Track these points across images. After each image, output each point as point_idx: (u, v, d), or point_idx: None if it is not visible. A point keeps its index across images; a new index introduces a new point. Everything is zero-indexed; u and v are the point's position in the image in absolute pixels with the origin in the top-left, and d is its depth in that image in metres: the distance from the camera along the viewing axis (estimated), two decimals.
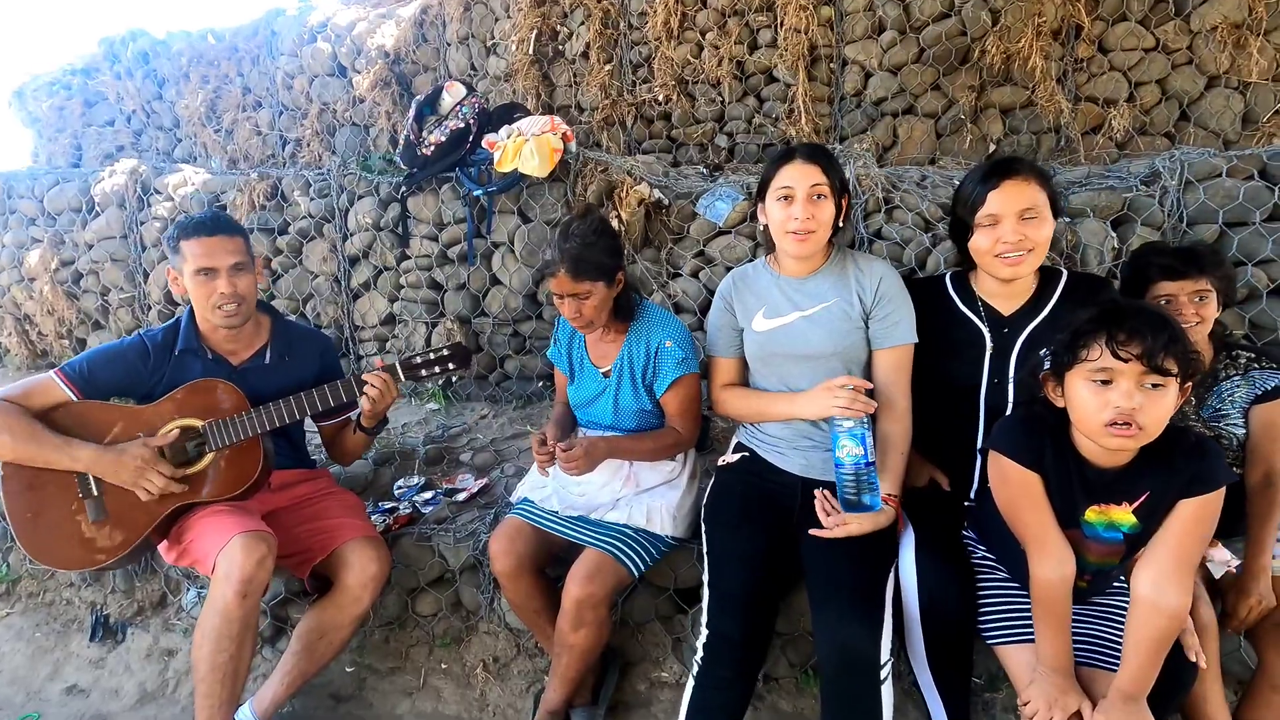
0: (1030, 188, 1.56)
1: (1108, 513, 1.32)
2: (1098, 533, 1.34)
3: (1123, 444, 1.21)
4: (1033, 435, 1.34)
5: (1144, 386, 1.18)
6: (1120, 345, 1.16)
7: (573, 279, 1.71)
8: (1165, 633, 1.24)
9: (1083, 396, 1.23)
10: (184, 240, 1.85)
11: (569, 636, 1.67)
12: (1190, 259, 1.67)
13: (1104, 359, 1.18)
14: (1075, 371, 1.24)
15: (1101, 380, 1.20)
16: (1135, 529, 1.31)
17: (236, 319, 1.90)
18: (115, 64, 5.03)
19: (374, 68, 4.30)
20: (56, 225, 3.73)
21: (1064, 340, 1.26)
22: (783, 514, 1.69)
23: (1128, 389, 1.17)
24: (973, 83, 3.55)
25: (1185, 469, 1.23)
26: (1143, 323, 1.17)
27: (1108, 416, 1.19)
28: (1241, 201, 2.41)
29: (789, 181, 1.63)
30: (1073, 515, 1.33)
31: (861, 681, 1.40)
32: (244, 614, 1.65)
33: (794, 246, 1.67)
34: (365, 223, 3.22)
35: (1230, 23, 3.27)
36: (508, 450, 2.73)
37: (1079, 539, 1.36)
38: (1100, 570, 1.40)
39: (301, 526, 1.93)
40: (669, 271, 2.94)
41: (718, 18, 3.78)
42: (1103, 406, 1.19)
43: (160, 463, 1.77)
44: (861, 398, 1.53)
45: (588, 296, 1.73)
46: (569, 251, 1.70)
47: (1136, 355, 1.15)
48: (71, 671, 2.22)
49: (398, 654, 2.10)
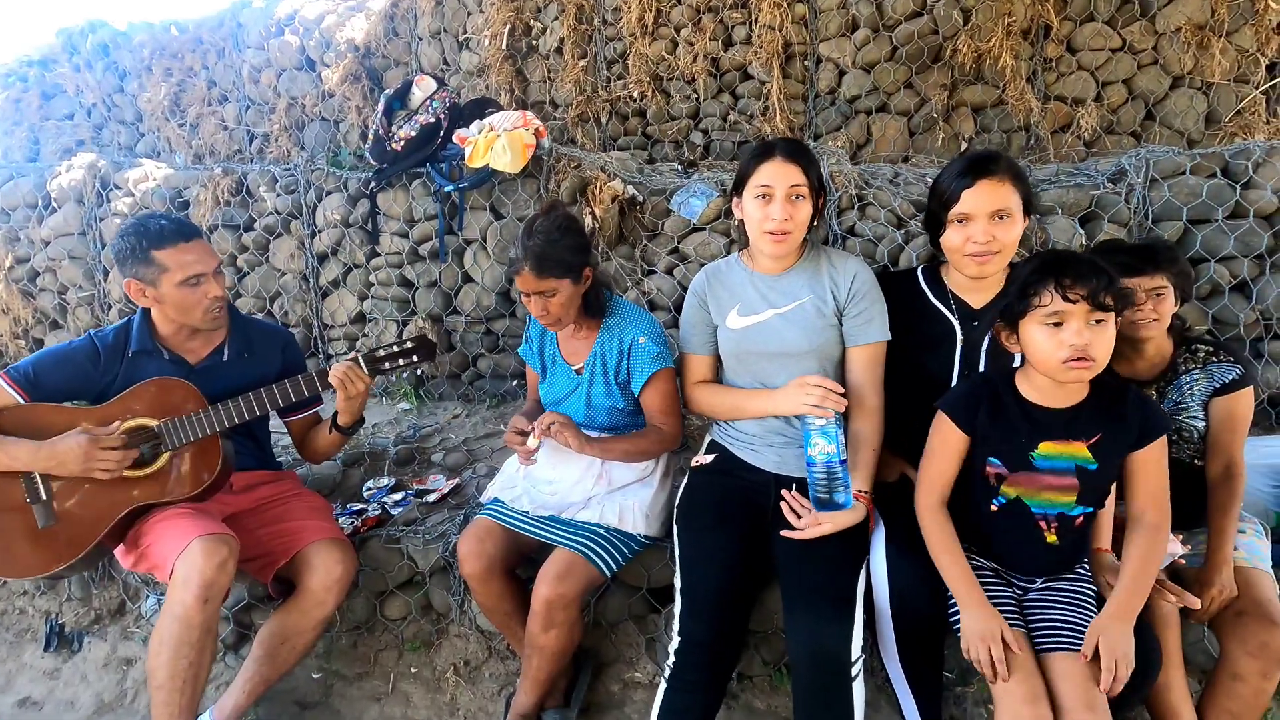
0: (1004, 188, 1.55)
1: (1063, 447, 1.41)
2: (1052, 464, 1.41)
3: (1079, 376, 1.34)
4: (971, 401, 1.47)
5: (1090, 324, 1.31)
6: (1068, 289, 1.29)
7: (537, 277, 1.68)
8: (1150, 547, 1.39)
9: (1038, 339, 1.35)
10: (158, 250, 1.78)
11: (540, 638, 1.64)
12: (1147, 256, 1.69)
13: (1055, 303, 1.31)
14: (1029, 319, 1.35)
15: (1054, 323, 1.32)
16: (1089, 464, 1.39)
17: (222, 319, 1.89)
18: (74, 56, 4.88)
19: (343, 62, 4.22)
20: (10, 221, 3.61)
21: (1014, 292, 1.37)
22: (756, 513, 1.68)
23: (1078, 327, 1.30)
24: (944, 81, 3.58)
25: (1134, 420, 1.39)
26: (1085, 268, 1.30)
27: (1064, 354, 1.31)
28: (1204, 199, 2.45)
29: (768, 180, 1.61)
30: (1023, 457, 1.42)
31: (833, 679, 1.39)
32: (204, 619, 1.59)
33: (770, 246, 1.65)
34: (334, 219, 3.15)
35: (1193, 24, 3.34)
36: (480, 450, 2.69)
37: (1030, 478, 1.43)
38: (1060, 514, 1.42)
39: (265, 529, 1.88)
40: (643, 269, 2.92)
41: (692, 14, 3.77)
42: (1059, 346, 1.32)
43: (101, 438, 1.70)
44: (833, 396, 1.52)
45: (554, 294, 1.70)
46: (533, 249, 1.68)
47: (1083, 296, 1.28)
48: (25, 683, 2.14)
49: (366, 659, 2.06)
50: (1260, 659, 1.47)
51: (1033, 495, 1.44)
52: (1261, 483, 1.98)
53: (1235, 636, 1.51)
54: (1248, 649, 1.49)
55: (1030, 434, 1.42)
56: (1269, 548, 1.67)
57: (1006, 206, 1.54)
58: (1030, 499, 1.44)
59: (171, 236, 1.79)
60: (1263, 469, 1.97)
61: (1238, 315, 2.46)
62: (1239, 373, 1.67)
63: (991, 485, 1.47)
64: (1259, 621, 1.49)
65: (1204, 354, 1.73)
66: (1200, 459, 1.71)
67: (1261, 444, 2.04)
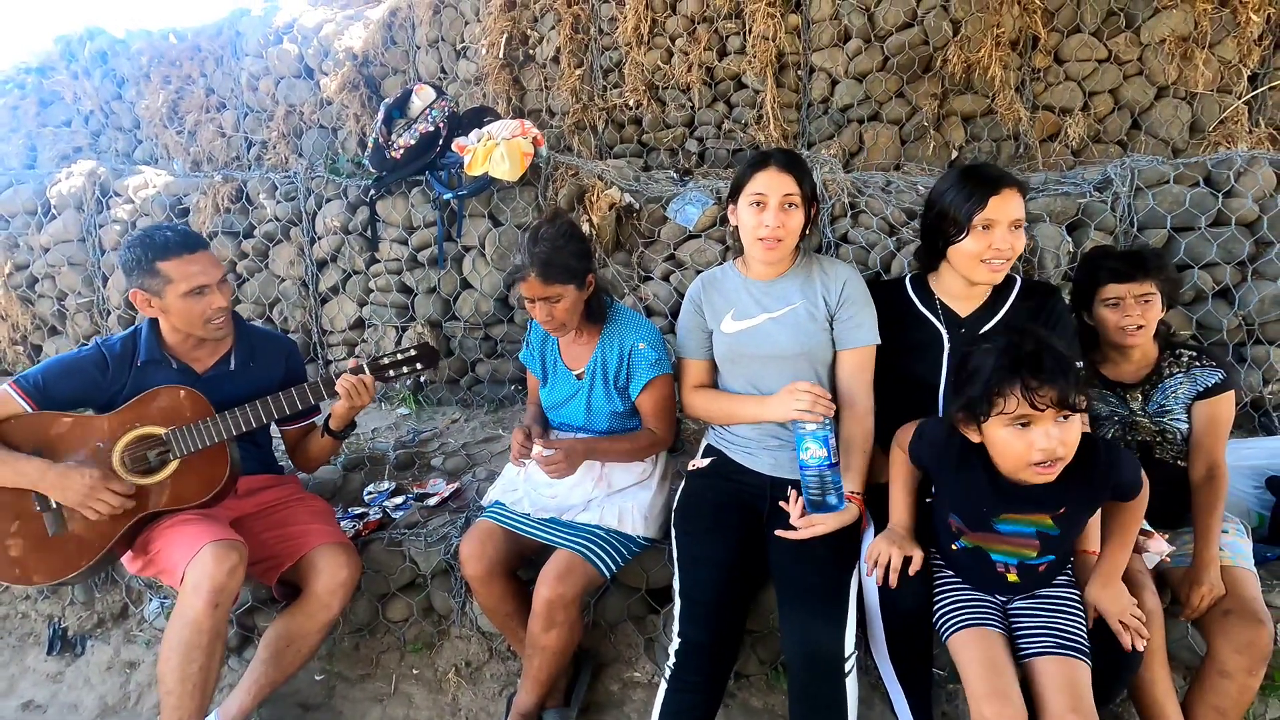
0: (1019, 200, 1.63)
1: (1030, 518, 1.41)
2: (1013, 529, 1.43)
3: (1046, 478, 1.30)
4: (931, 452, 1.50)
5: (1058, 421, 1.27)
6: (1036, 394, 1.24)
7: (543, 282, 1.72)
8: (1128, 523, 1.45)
9: (1005, 440, 1.31)
10: (163, 261, 1.80)
11: (540, 638, 1.67)
12: (1137, 263, 1.75)
13: (1021, 408, 1.26)
14: (994, 421, 1.31)
15: (1021, 424, 1.29)
16: (1050, 529, 1.41)
17: (226, 328, 1.91)
18: (72, 63, 4.89)
19: (342, 70, 4.25)
20: (10, 228, 3.62)
21: (977, 391, 1.31)
22: (752, 516, 1.72)
23: (1046, 429, 1.27)
24: (935, 91, 3.64)
25: (1104, 483, 1.37)
26: (1051, 365, 1.25)
27: (1034, 457, 1.28)
28: (1188, 207, 2.51)
29: (762, 189, 1.66)
30: (984, 521, 1.44)
31: (826, 677, 1.43)
32: (214, 624, 1.62)
33: (762, 253, 1.70)
34: (333, 226, 3.18)
35: (1177, 36, 3.41)
36: (479, 454, 2.72)
37: (988, 537, 1.46)
38: (1021, 564, 1.46)
39: (269, 533, 1.91)
40: (640, 275, 2.96)
41: (687, 24, 3.83)
42: (1026, 447, 1.28)
43: (113, 480, 1.72)
44: (822, 401, 1.56)
45: (558, 300, 1.74)
46: (538, 255, 1.71)
47: (1052, 401, 1.24)
48: (28, 687, 2.15)
49: (368, 661, 2.08)
50: (1246, 656, 1.52)
51: (992, 547, 1.47)
52: (1244, 484, 2.04)
53: (1222, 634, 1.56)
54: (1234, 646, 1.53)
55: (994, 503, 1.41)
56: (1251, 546, 1.72)
57: (1021, 216, 1.62)
58: (990, 549, 1.47)
59: (176, 248, 1.81)
60: (1245, 470, 2.03)
61: (1221, 321, 2.52)
62: (1221, 377, 1.73)
63: (952, 532, 1.51)
64: (1245, 620, 1.54)
65: (1188, 359, 1.78)
66: (1183, 460, 1.76)
67: (1244, 446, 2.09)
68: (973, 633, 1.43)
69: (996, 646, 1.41)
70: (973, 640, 1.42)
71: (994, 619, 1.47)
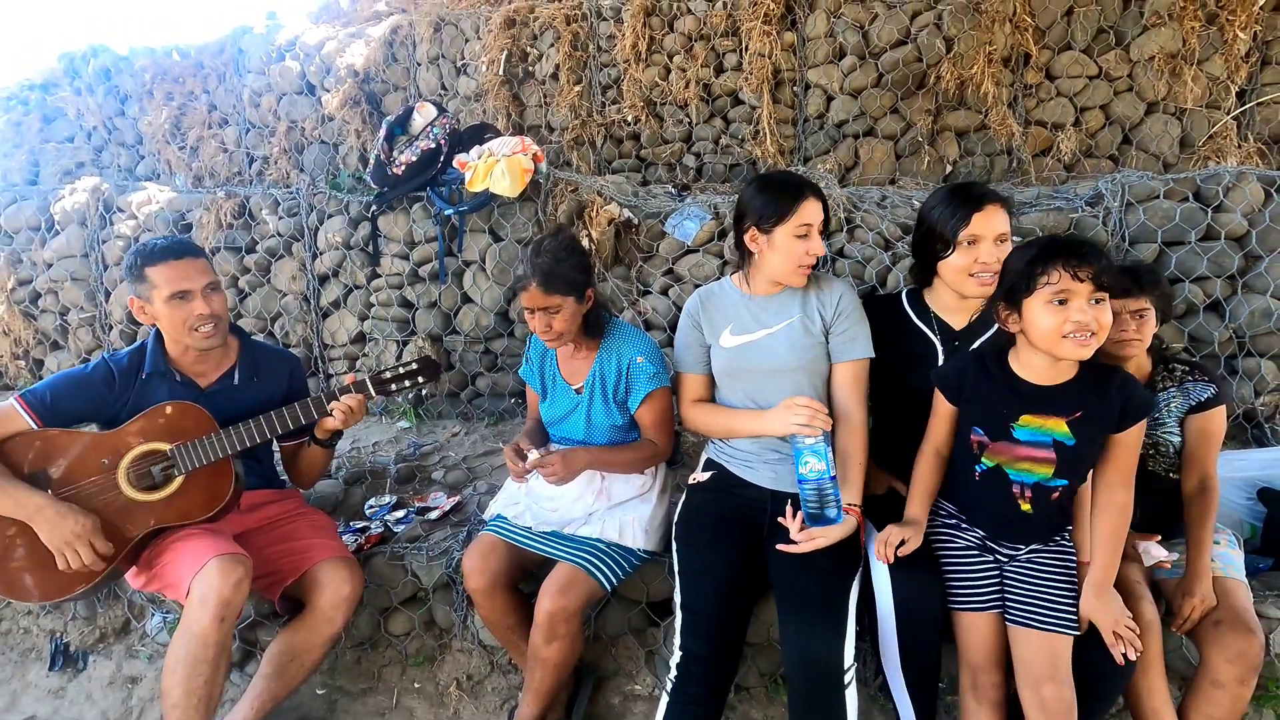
0: (1003, 215, 1.68)
1: (1043, 421, 1.50)
2: (1030, 436, 1.51)
3: (1079, 352, 1.41)
4: (959, 374, 1.61)
5: (1092, 302, 1.39)
6: (1076, 268, 1.37)
7: (544, 293, 1.75)
8: (1118, 523, 1.50)
9: (1042, 316, 1.42)
10: (150, 267, 1.83)
11: (542, 650, 1.69)
12: (1132, 279, 1.77)
13: (1063, 281, 1.38)
14: (1035, 297, 1.43)
15: (1059, 300, 1.40)
16: (1066, 439, 1.48)
17: (215, 339, 1.90)
18: (75, 79, 4.93)
19: (343, 86, 4.30)
20: (14, 244, 3.65)
21: (1020, 271, 1.44)
22: (753, 529, 1.74)
23: (1081, 305, 1.39)
24: (929, 107, 3.70)
25: (1116, 400, 1.46)
26: (1088, 250, 1.40)
27: (1069, 329, 1.39)
28: (1178, 222, 2.56)
29: (809, 219, 1.69)
30: (1003, 428, 1.53)
31: (826, 688, 1.45)
32: (220, 638, 1.63)
33: (799, 279, 1.74)
34: (335, 241, 3.22)
35: (1166, 53, 3.47)
36: (480, 468, 2.74)
37: (1009, 449, 1.53)
38: (1036, 485, 1.53)
39: (272, 548, 1.92)
40: (639, 289, 3.00)
41: (685, 41, 3.89)
42: (1063, 322, 1.39)
43: (96, 537, 1.71)
44: (820, 415, 1.58)
45: (558, 311, 1.77)
46: (540, 266, 1.75)
47: (1090, 276, 1.37)
48: (30, 703, 2.15)
49: (370, 674, 2.09)
50: (1238, 666, 1.53)
51: (1011, 464, 1.54)
52: (1237, 495, 2.06)
53: (1215, 645, 1.58)
54: (1226, 656, 1.55)
55: (1012, 406, 1.51)
56: (1242, 557, 1.74)
57: (1006, 231, 1.67)
58: (1009, 467, 1.54)
59: (162, 254, 1.84)
60: (1237, 482, 2.06)
61: (1212, 333, 2.56)
62: (1214, 392, 1.75)
63: (975, 453, 1.58)
64: (1237, 630, 1.56)
65: (1181, 373, 1.80)
66: (1176, 473, 1.79)
67: (1236, 458, 2.12)
68: (977, 617, 1.54)
69: (997, 628, 1.53)
70: (977, 623, 1.54)
71: (996, 600, 1.56)
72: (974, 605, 1.54)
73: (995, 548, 1.61)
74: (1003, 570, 1.59)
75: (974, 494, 1.63)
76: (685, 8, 3.88)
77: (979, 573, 1.57)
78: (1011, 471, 1.54)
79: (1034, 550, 1.58)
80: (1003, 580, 1.58)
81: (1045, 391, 1.49)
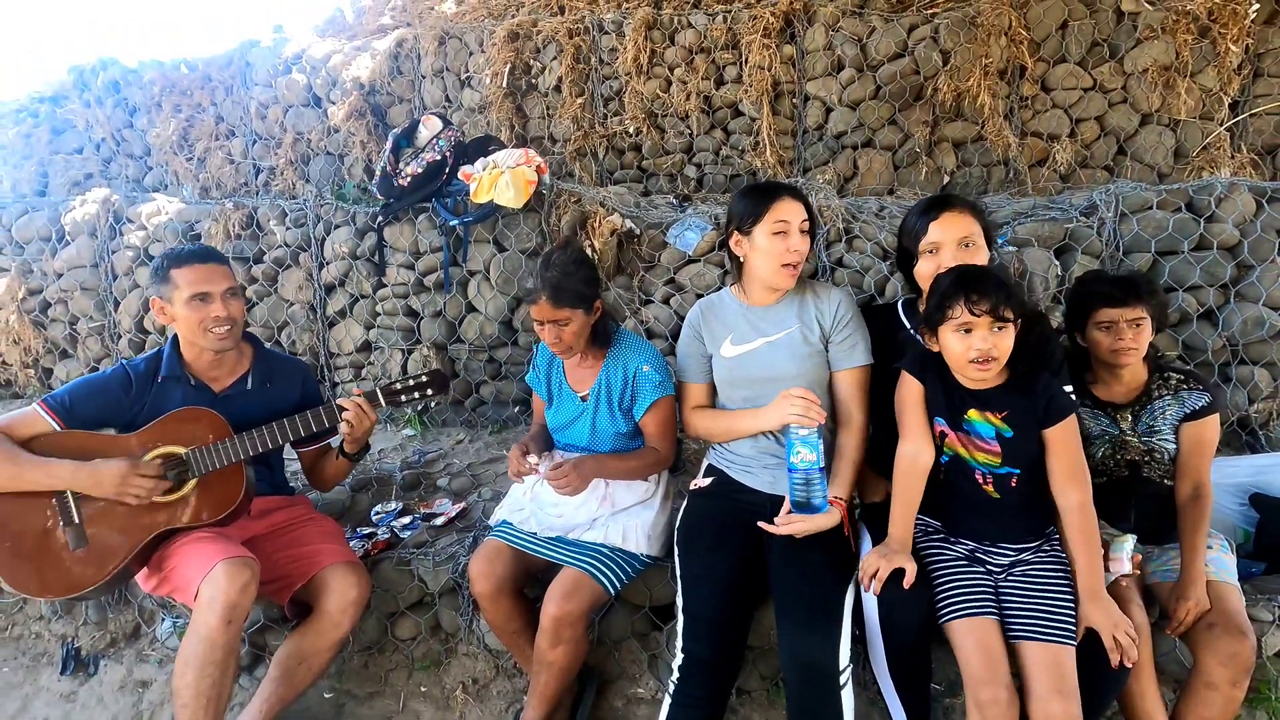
0: (966, 218, 1.71)
1: (985, 416, 1.63)
2: (978, 430, 1.63)
3: (983, 374, 1.59)
4: (920, 364, 1.71)
5: (993, 330, 1.54)
6: (974, 304, 1.53)
7: (553, 306, 1.80)
8: (1082, 523, 1.57)
9: (951, 343, 1.60)
10: (175, 269, 1.90)
11: (547, 654, 1.72)
12: (1129, 288, 1.81)
13: (964, 316, 1.55)
14: (945, 326, 1.60)
15: (964, 330, 1.56)
16: (1005, 430, 1.61)
17: (229, 341, 1.95)
18: (85, 92, 5.01)
19: (349, 99, 4.36)
20: (25, 254, 3.70)
21: (933, 303, 1.61)
22: (753, 534, 1.76)
23: (983, 334, 1.55)
24: (926, 118, 3.75)
25: (1041, 398, 1.60)
26: (989, 285, 1.54)
27: (972, 356, 1.56)
28: (1171, 232, 2.60)
29: (786, 215, 1.73)
30: (957, 419, 1.65)
31: (822, 688, 1.49)
32: (228, 640, 1.67)
33: (786, 280, 1.78)
34: (341, 251, 3.26)
35: (1159, 65, 3.53)
36: (484, 474, 2.78)
37: (966, 440, 1.65)
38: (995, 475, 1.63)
39: (281, 553, 1.95)
40: (641, 298, 3.04)
41: (685, 54, 3.95)
42: (967, 349, 1.57)
43: (140, 465, 1.78)
44: (815, 408, 1.63)
45: (568, 323, 1.82)
46: (550, 280, 1.79)
47: (986, 311, 1.52)
48: (41, 706, 2.18)
49: (377, 678, 2.12)
50: (1230, 668, 1.57)
51: (969, 454, 1.65)
52: (1230, 501, 2.10)
53: (1208, 647, 1.61)
54: (1219, 659, 1.58)
55: (961, 402, 1.65)
56: (1235, 562, 1.78)
57: (970, 234, 1.70)
58: (967, 458, 1.65)
59: (189, 258, 1.93)
60: (1230, 488, 2.09)
61: (1205, 341, 2.60)
62: (1208, 400, 1.79)
63: (938, 444, 1.68)
64: (1229, 633, 1.59)
65: (1175, 381, 1.84)
66: (1170, 479, 1.82)
67: (1229, 464, 2.16)
68: (970, 622, 1.53)
69: (992, 634, 1.51)
70: (970, 629, 1.52)
71: (989, 605, 1.56)
72: (966, 611, 1.54)
73: (985, 559, 1.64)
74: (997, 584, 1.61)
75: (944, 488, 1.69)
76: (686, 21, 3.94)
77: (969, 582, 1.59)
78: (970, 461, 1.65)
79: (1025, 561, 1.61)
80: (999, 593, 1.59)
81: (979, 393, 1.64)
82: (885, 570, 1.56)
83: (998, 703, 1.43)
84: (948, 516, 1.71)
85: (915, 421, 1.68)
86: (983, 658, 1.47)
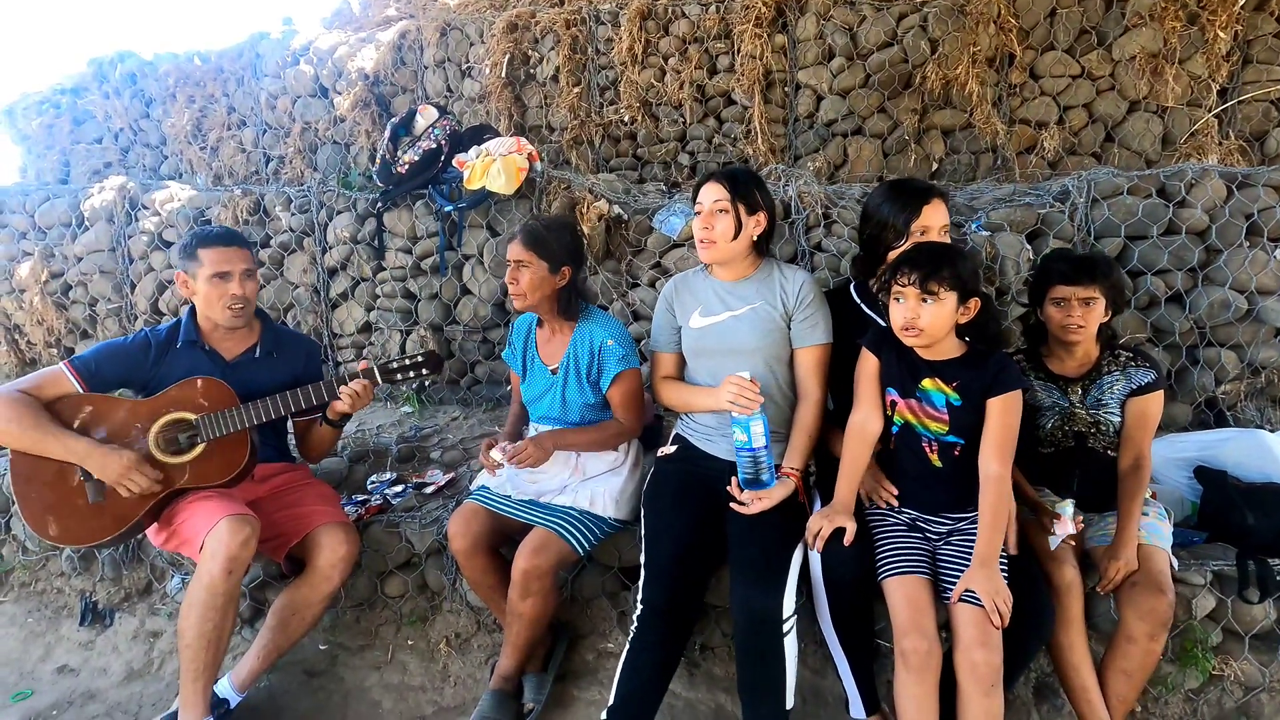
0: (945, 208, 1.85)
1: (938, 384, 1.74)
2: (930, 398, 1.74)
3: (913, 341, 1.71)
4: (879, 338, 1.83)
5: (924, 301, 1.65)
6: (904, 275, 1.66)
7: (522, 245, 1.97)
8: (994, 495, 1.65)
9: (892, 310, 1.72)
10: (202, 248, 2.07)
11: (518, 605, 1.86)
12: (1084, 268, 1.89)
13: (896, 286, 1.68)
14: (891, 293, 1.72)
15: (898, 298, 1.69)
16: (955, 399, 1.72)
17: (241, 319, 2.12)
18: (104, 84, 5.20)
19: (354, 89, 4.50)
20: (47, 239, 3.89)
21: (888, 271, 1.74)
22: (712, 496, 1.89)
23: (911, 304, 1.67)
24: (915, 106, 3.81)
25: (989, 372, 1.71)
26: (923, 259, 1.66)
27: (900, 322, 1.70)
28: (1141, 217, 2.66)
29: (700, 199, 1.91)
30: (911, 387, 1.77)
31: (767, 635, 1.61)
32: (228, 588, 1.82)
33: (702, 254, 1.93)
34: (343, 236, 3.41)
35: (1147, 52, 3.56)
36: (475, 448, 2.91)
37: (918, 407, 1.76)
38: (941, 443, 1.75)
39: (279, 513, 2.10)
40: (628, 281, 3.15)
41: (679, 44, 4.04)
42: (899, 316, 1.69)
43: (145, 465, 1.92)
44: (747, 394, 1.74)
45: (527, 266, 1.97)
46: (528, 226, 1.99)
47: (912, 282, 1.65)
48: (62, 653, 2.37)
49: (368, 632, 2.28)
50: (1148, 623, 1.67)
51: (918, 422, 1.76)
52: (1179, 475, 2.18)
53: (1130, 603, 1.71)
54: (1139, 614, 1.68)
55: (916, 371, 1.76)
56: (1169, 529, 1.86)
57: (948, 223, 1.85)
58: (916, 425, 1.76)
59: (215, 239, 2.10)
60: (1179, 463, 2.18)
61: (1173, 324, 2.66)
62: (1154, 377, 1.88)
63: (888, 414, 1.80)
64: (1150, 590, 1.69)
65: (1124, 358, 1.93)
66: (1114, 451, 1.92)
67: (1177, 440, 2.24)
68: (903, 579, 1.65)
69: (922, 591, 1.63)
70: (902, 585, 1.64)
71: (922, 566, 1.67)
72: (900, 570, 1.66)
73: (925, 527, 1.76)
74: (935, 550, 1.73)
75: (893, 457, 1.80)
76: (680, 11, 4.03)
77: (906, 545, 1.72)
78: (919, 428, 1.76)
79: (961, 530, 1.72)
80: (935, 559, 1.72)
81: (935, 364, 1.75)
82: (828, 529, 1.69)
83: (918, 652, 1.55)
84: (894, 485, 1.82)
85: (867, 393, 1.81)
86: (909, 611, 1.59)
